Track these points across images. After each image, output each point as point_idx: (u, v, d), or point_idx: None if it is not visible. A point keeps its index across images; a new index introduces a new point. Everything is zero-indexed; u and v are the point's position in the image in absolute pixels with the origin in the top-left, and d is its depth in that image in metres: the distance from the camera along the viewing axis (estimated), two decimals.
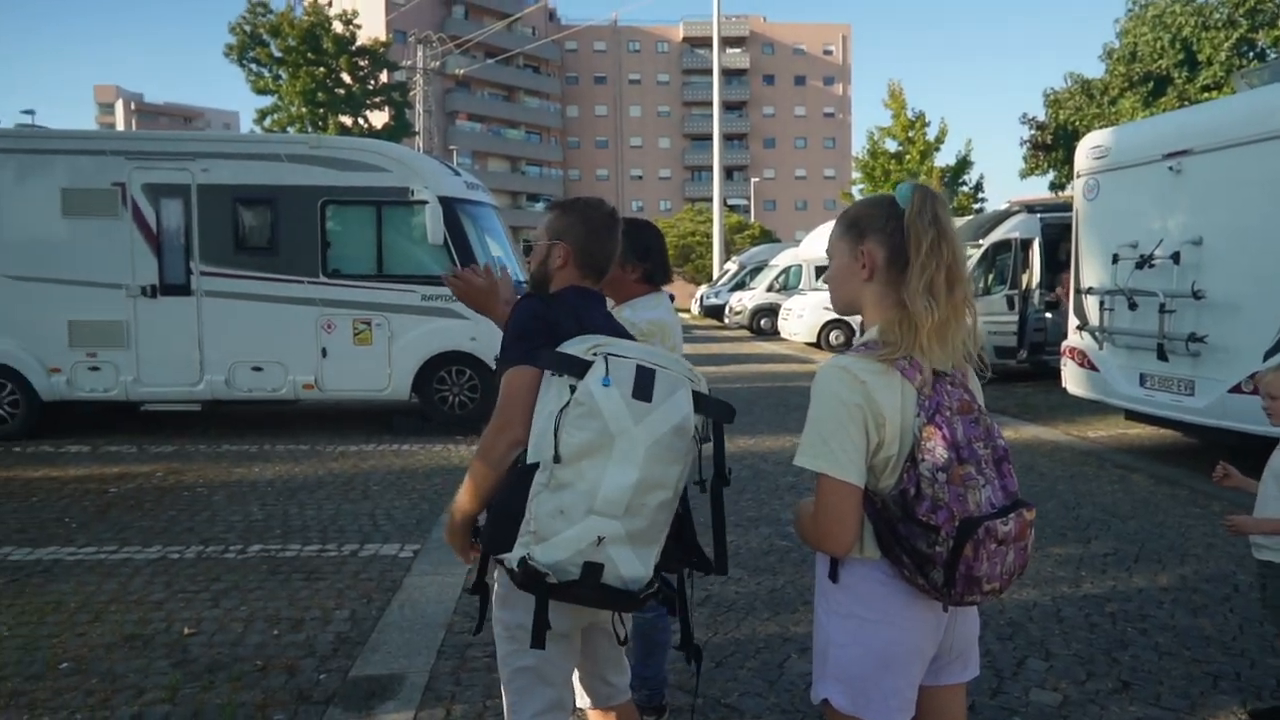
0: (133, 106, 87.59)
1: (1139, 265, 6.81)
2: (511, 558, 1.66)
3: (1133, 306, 6.89)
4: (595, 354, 1.68)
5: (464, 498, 1.85)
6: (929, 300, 1.54)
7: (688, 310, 37.66)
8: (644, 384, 1.65)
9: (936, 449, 1.50)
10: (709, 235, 42.08)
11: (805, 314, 17.82)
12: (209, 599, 4.08)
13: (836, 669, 1.63)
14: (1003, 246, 12.07)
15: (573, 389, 1.65)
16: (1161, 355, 6.59)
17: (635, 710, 2.14)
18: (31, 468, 6.91)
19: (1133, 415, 7.28)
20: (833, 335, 17.36)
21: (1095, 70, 20.64)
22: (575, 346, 1.72)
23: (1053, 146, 20.80)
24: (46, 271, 7.92)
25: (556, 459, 1.62)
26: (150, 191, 8.02)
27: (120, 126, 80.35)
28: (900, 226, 1.59)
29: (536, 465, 1.67)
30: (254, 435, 8.33)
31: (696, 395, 1.73)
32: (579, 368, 1.66)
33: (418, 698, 3.10)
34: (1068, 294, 11.75)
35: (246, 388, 8.15)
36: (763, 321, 22.70)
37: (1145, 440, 8.01)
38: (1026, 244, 12.02)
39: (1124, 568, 4.53)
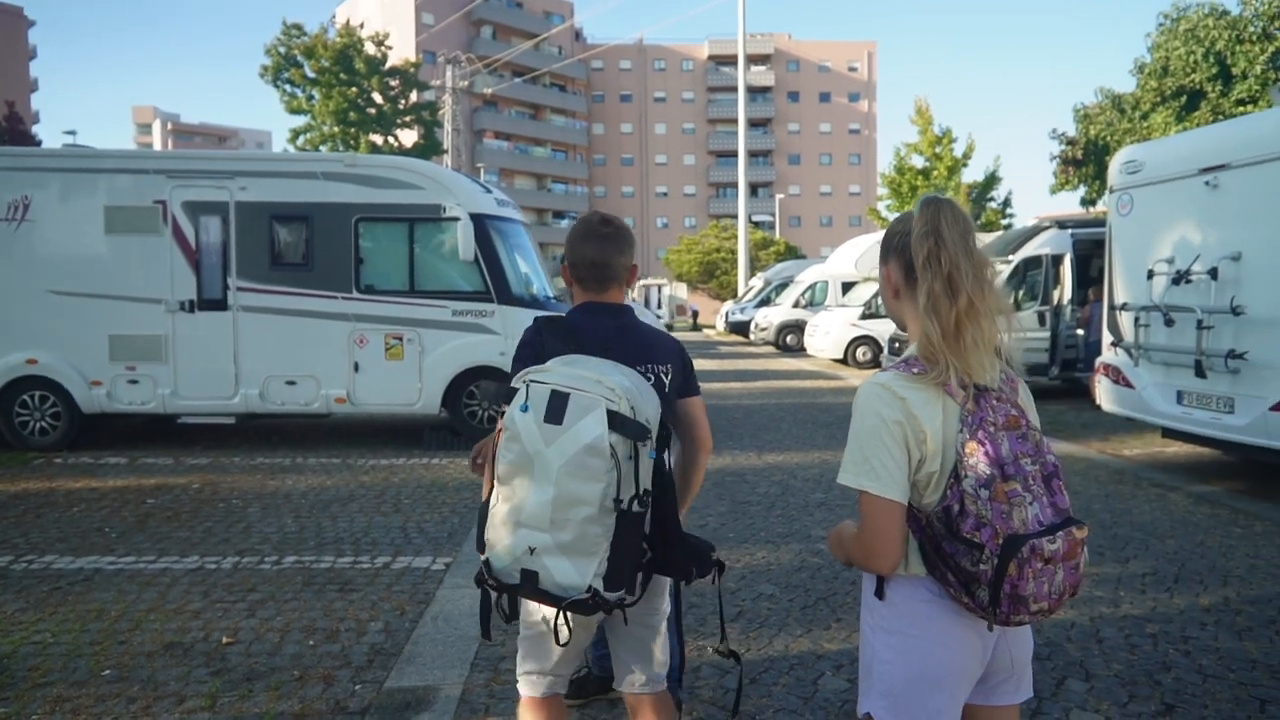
0: (169, 127, 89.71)
1: (1175, 281, 6.72)
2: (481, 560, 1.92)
3: (1169, 323, 6.79)
4: (524, 381, 1.84)
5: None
6: (930, 316, 1.55)
7: (712, 326, 37.62)
8: (556, 407, 1.77)
9: (979, 465, 1.48)
10: (734, 252, 42.12)
11: (831, 330, 17.73)
12: (246, 609, 4.13)
13: (881, 685, 1.63)
14: (1033, 262, 11.95)
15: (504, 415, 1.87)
16: (1200, 372, 6.48)
17: (670, 703, 2.19)
18: (72, 479, 7.06)
19: (1170, 433, 7.15)
20: (859, 351, 17.26)
21: (1126, 85, 20.48)
22: (520, 374, 1.91)
23: (1083, 162, 20.61)
24: (89, 287, 8.11)
25: (497, 477, 1.86)
26: (190, 209, 8.21)
27: (157, 146, 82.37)
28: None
29: None
30: (287, 448, 8.45)
31: (614, 415, 1.76)
32: (510, 396, 1.85)
33: (453, 710, 3.11)
34: (1088, 315, 11.63)
35: (280, 401, 8.27)
36: (788, 338, 22.63)
37: (1182, 458, 7.87)
38: (1057, 260, 11.90)
39: (1164, 588, 4.44)
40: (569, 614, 1.85)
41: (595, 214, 2.20)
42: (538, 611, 2.04)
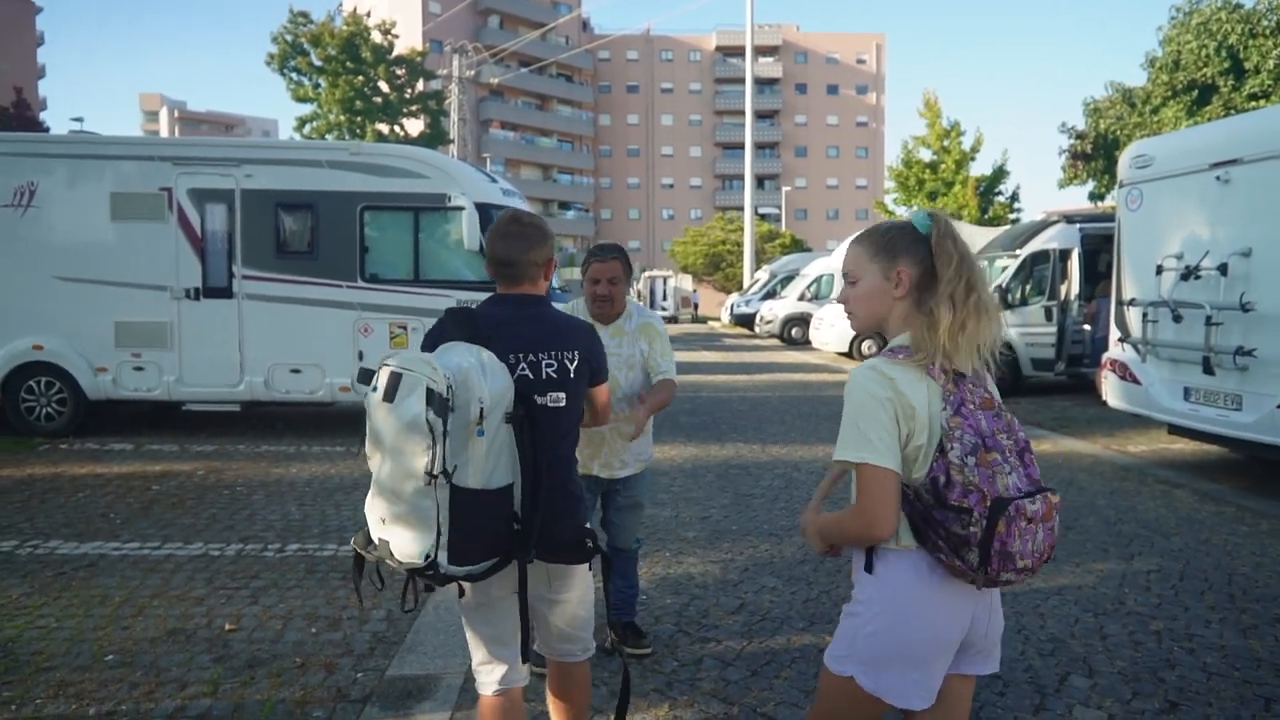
0: (176, 114, 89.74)
1: (1184, 277, 6.67)
2: None
3: (1177, 319, 6.74)
4: (379, 364, 1.95)
5: None
6: (950, 305, 1.73)
7: (718, 319, 37.58)
8: (391, 387, 1.87)
9: (965, 436, 1.65)
10: (739, 244, 41.97)
11: (837, 323, 17.65)
12: (249, 596, 4.14)
13: (867, 654, 1.75)
14: (1041, 257, 11.88)
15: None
16: (1207, 369, 6.43)
17: (587, 672, 2.38)
18: (78, 464, 7.08)
19: (1176, 430, 7.12)
20: (865, 345, 17.20)
21: (1137, 79, 20.27)
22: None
23: (1092, 156, 20.42)
24: (94, 273, 8.13)
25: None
26: (195, 196, 8.20)
27: (164, 133, 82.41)
28: (928, 250, 1.78)
29: None
30: (291, 436, 8.46)
31: (431, 393, 1.83)
32: (370, 378, 1.96)
33: (454, 699, 3.12)
34: (1095, 310, 11.56)
35: (285, 389, 8.28)
36: (794, 331, 22.57)
37: (1188, 455, 7.83)
38: (1065, 255, 11.82)
39: (1169, 585, 4.42)
40: (449, 586, 2.01)
41: (509, 212, 2.30)
42: (476, 589, 2.13)
